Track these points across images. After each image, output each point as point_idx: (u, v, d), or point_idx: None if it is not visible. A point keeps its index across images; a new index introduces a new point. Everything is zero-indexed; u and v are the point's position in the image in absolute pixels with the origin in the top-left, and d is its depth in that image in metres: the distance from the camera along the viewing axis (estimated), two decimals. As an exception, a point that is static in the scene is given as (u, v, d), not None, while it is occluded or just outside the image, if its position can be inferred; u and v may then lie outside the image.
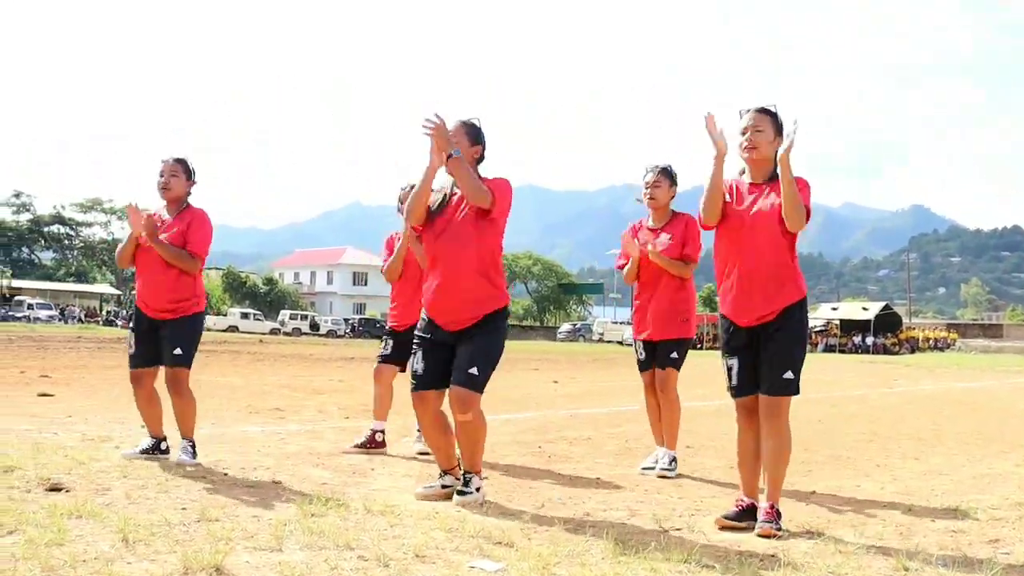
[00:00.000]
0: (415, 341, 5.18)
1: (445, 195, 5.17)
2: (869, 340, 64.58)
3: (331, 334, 68.54)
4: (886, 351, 62.11)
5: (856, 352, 61.75)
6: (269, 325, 68.73)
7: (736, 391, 4.76)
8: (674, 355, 6.47)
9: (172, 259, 5.95)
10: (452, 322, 5.02)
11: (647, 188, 6.46)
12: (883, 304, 73.94)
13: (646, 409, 6.70)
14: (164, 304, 6.00)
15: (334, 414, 9.76)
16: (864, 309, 71.82)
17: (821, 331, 67.69)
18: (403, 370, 6.87)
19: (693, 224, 6.41)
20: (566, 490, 5.64)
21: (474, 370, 4.91)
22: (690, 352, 6.72)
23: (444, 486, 5.12)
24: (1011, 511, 5.33)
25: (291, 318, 72.44)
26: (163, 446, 6.07)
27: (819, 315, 72.84)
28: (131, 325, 6.18)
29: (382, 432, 6.96)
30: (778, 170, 4.54)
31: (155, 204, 6.33)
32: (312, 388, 13.57)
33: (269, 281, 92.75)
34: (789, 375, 4.59)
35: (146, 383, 6.09)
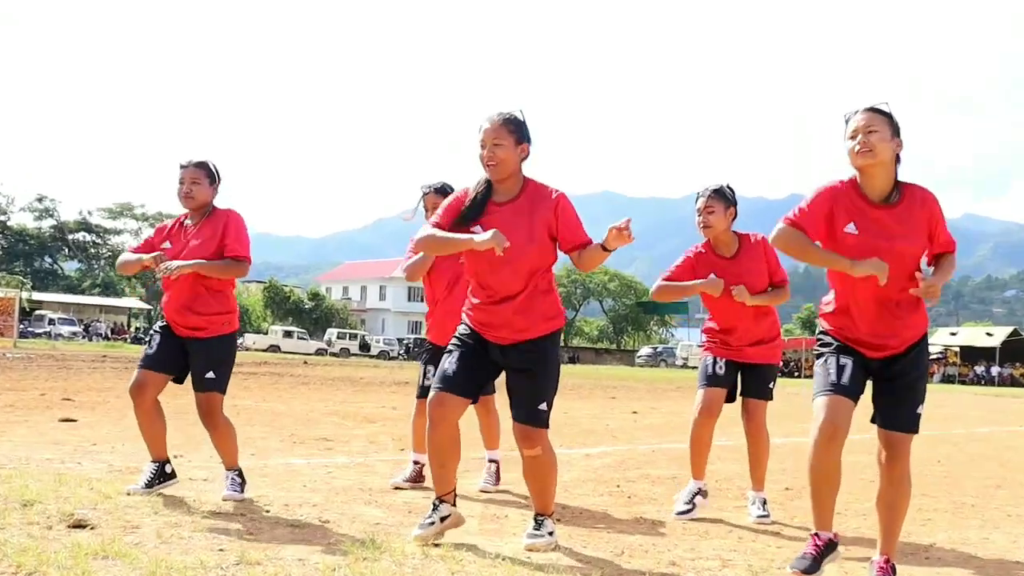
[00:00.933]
0: (453, 342, 5.14)
1: (477, 195, 5.10)
2: (994, 370, 63.41)
3: (383, 355, 69.13)
4: (1014, 383, 60.91)
5: (979, 383, 60.69)
6: (315, 345, 69.54)
7: (839, 388, 4.57)
8: (771, 385, 6.49)
9: (219, 274, 5.91)
10: (505, 336, 5.00)
11: (699, 215, 6.39)
12: (1011, 329, 72.40)
13: (692, 434, 6.48)
14: (194, 321, 5.97)
15: (387, 445, 9.79)
16: (988, 335, 70.52)
17: (938, 359, 66.52)
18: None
19: (768, 246, 6.33)
20: (648, 537, 5.58)
21: (543, 406, 4.94)
22: (788, 381, 6.68)
23: (444, 518, 5.04)
24: None
25: (339, 337, 73.22)
26: (168, 469, 6.06)
27: (936, 341, 71.63)
28: (156, 327, 6.17)
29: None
30: (896, 186, 4.53)
31: (178, 211, 6.33)
32: (363, 416, 13.65)
33: (315, 296, 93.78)
34: (921, 410, 4.59)
35: (149, 392, 5.96)
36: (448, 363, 5.03)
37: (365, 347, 72.23)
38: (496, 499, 6.67)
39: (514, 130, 4.97)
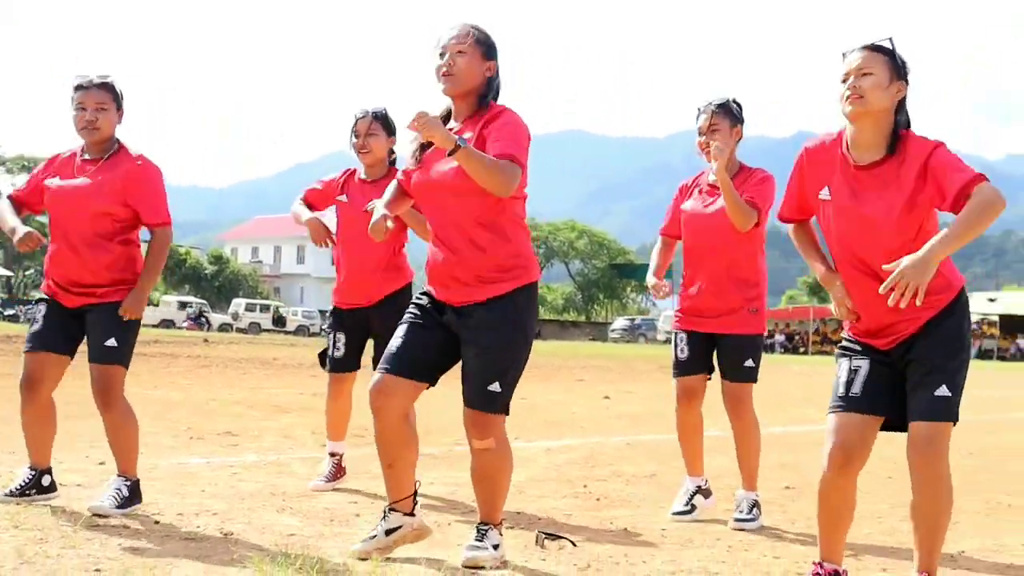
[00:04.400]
0: (407, 313, 5.15)
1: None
2: (1040, 343, 64.29)
3: (301, 331, 68.97)
4: (1064, 358, 61.80)
5: (1022, 359, 61.44)
6: (218, 319, 69.25)
7: (849, 402, 4.66)
8: (749, 363, 6.51)
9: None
10: (454, 294, 5.01)
11: (701, 135, 6.47)
12: (1060, 293, 73.46)
13: (677, 426, 6.69)
14: (94, 280, 5.92)
15: (305, 441, 9.82)
16: (1034, 300, 71.43)
17: (973, 330, 67.40)
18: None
19: (768, 181, 6.45)
20: (620, 547, 5.63)
21: (495, 386, 4.94)
22: (792, 358, 6.74)
23: (389, 530, 5.07)
24: None
25: (248, 309, 72.92)
26: (46, 481, 6.03)
27: (972, 308, 72.45)
28: (38, 301, 6.13)
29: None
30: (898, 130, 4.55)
31: (70, 145, 6.25)
32: (275, 405, 13.64)
33: (218, 259, 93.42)
34: (945, 391, 4.51)
35: (45, 382, 5.94)
36: (395, 338, 5.06)
37: (280, 321, 72.01)
38: (441, 504, 6.70)
39: (483, 40, 5.03)
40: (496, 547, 5.01)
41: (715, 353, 6.57)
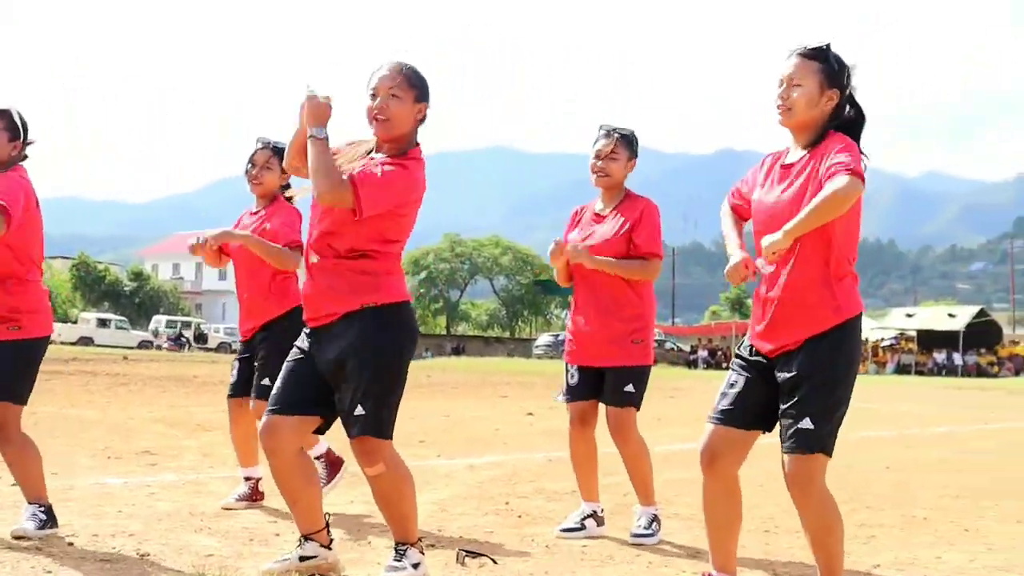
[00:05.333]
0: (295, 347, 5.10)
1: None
2: (957, 358, 65.07)
3: (223, 348, 68.34)
4: (981, 373, 62.57)
5: (939, 374, 62.16)
6: (137, 336, 68.43)
7: (714, 415, 4.74)
8: (629, 388, 6.51)
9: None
10: (319, 317, 4.95)
11: (598, 160, 6.52)
12: (977, 309, 74.43)
13: (570, 452, 6.75)
14: None
15: (226, 459, 9.72)
16: (951, 316, 72.30)
17: (891, 346, 68.18)
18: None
19: (652, 211, 6.51)
20: (542, 564, 5.66)
21: (360, 410, 4.82)
22: (716, 374, 6.78)
23: (304, 558, 5.04)
24: None
25: (168, 326, 72.30)
26: None
27: (890, 324, 73.34)
28: None
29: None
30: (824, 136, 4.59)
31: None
32: (195, 424, 13.55)
33: (137, 275, 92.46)
34: (808, 424, 4.51)
35: None
36: (280, 375, 5.02)
37: (201, 338, 71.41)
38: (361, 523, 6.68)
39: (416, 84, 4.96)
40: (416, 566, 4.96)
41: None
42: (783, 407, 4.56)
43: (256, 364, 6.90)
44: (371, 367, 4.82)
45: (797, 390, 4.51)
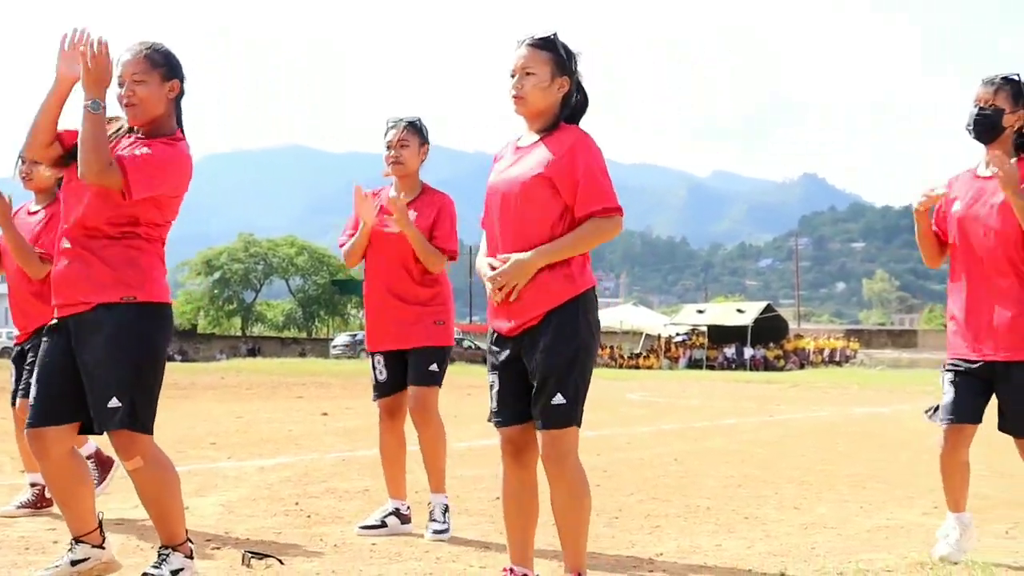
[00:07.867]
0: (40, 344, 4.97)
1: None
2: (746, 352, 66.74)
3: (6, 353, 66.20)
4: (768, 366, 64.20)
5: (729, 368, 63.55)
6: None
7: (498, 419, 4.82)
8: (433, 367, 6.60)
9: None
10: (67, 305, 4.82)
11: (391, 149, 6.58)
12: (764, 304, 76.44)
13: (380, 449, 6.83)
14: None
15: (3, 466, 9.48)
16: (739, 312, 74.12)
17: (683, 342, 69.72)
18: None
19: (450, 207, 6.66)
20: (328, 563, 5.66)
21: (114, 402, 4.70)
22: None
23: (75, 562, 4.93)
24: (910, 573, 5.65)
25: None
26: None
27: (682, 320, 74.97)
28: None
29: None
30: (558, 121, 4.73)
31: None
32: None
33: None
34: (560, 399, 4.62)
35: None
36: (33, 385, 4.90)
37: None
38: (140, 528, 6.56)
39: (160, 63, 4.85)
40: (177, 572, 4.80)
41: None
42: (536, 387, 4.63)
43: (26, 365, 6.72)
44: (128, 359, 4.71)
45: (544, 369, 4.60)
